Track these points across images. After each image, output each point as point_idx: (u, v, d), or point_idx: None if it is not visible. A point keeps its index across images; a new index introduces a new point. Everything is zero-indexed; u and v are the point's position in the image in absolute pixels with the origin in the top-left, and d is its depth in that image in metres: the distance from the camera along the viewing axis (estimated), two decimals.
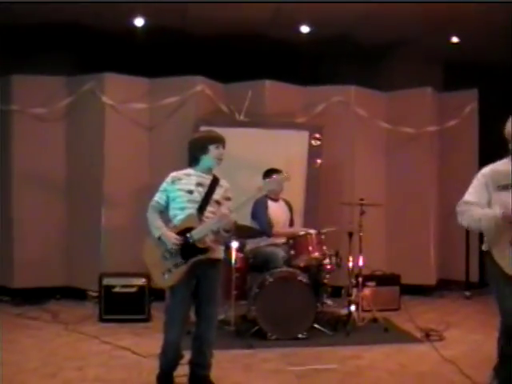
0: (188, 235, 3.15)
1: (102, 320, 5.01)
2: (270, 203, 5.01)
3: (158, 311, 5.04)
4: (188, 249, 3.15)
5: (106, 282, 5.07)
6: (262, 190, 3.27)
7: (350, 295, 4.90)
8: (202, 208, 3.19)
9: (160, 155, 5.96)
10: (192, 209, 3.19)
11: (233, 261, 4.53)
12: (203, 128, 4.88)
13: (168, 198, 3.27)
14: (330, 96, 6.25)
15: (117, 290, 5.05)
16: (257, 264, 4.81)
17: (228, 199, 3.32)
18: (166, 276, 3.15)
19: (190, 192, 3.21)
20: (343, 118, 6.28)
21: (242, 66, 6.23)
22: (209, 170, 3.32)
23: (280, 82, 6.17)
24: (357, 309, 4.89)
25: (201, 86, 5.93)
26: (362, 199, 4.97)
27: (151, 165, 6.01)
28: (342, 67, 6.39)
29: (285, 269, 4.61)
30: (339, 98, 6.26)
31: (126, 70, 5.87)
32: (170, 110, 5.96)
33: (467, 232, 6.23)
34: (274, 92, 6.12)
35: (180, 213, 3.21)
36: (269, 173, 4.82)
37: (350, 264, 4.93)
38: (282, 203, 5.13)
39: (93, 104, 5.87)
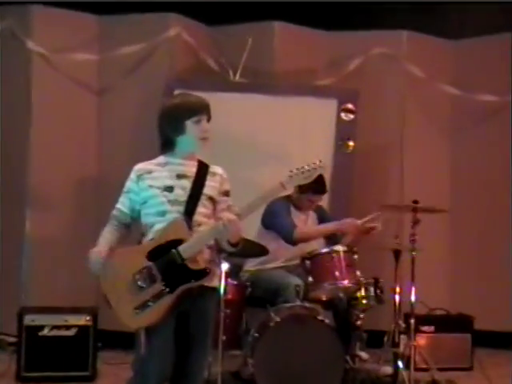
0: (174, 251, 3.14)
1: (20, 379, 4.94)
2: (293, 211, 5.05)
3: (107, 365, 5.07)
4: (174, 271, 3.13)
5: (29, 321, 5.02)
6: (285, 185, 3.22)
7: (396, 345, 4.91)
8: (189, 210, 3.18)
9: (114, 132, 5.99)
10: (177, 212, 3.18)
11: (221, 290, 4.47)
12: (178, 91, 4.82)
13: (134, 201, 3.28)
14: (370, 47, 6.29)
15: (45, 333, 5.01)
16: (257, 295, 4.83)
17: (226, 194, 3.33)
18: (140, 312, 3.13)
19: (170, 189, 3.22)
20: (388, 79, 6.30)
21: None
22: (191, 155, 3.33)
23: (295, 24, 6.17)
24: (407, 366, 4.85)
25: (176, 29, 5.95)
26: (415, 201, 4.93)
27: (100, 146, 6.05)
28: (388, 3, 6.35)
29: (298, 303, 4.61)
30: (383, 49, 6.29)
31: (63, 1, 5.83)
32: (129, 65, 5.98)
33: None
34: (285, 40, 6.13)
35: (160, 219, 3.21)
36: None
37: (397, 298, 4.92)
38: (309, 213, 5.15)
39: (11, 52, 5.84)
